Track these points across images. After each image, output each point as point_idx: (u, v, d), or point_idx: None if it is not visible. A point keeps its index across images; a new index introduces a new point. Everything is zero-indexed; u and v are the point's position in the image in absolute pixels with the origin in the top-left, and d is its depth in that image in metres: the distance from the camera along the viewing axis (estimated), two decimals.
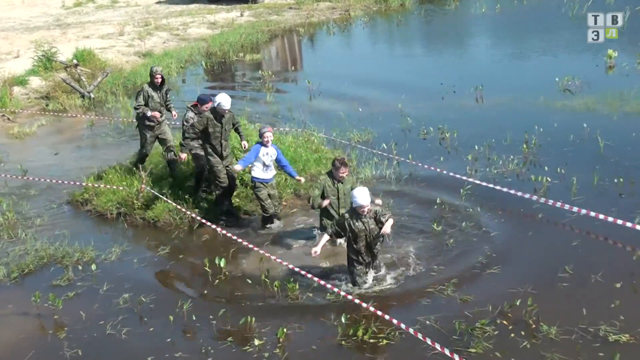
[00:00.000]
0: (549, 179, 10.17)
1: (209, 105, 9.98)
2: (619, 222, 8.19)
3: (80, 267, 8.92)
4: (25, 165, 12.50)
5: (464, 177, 10.47)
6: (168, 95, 11.45)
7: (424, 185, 10.74)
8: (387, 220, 7.38)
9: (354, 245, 7.62)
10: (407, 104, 15.29)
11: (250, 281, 8.20)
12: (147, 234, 10.21)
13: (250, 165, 9.40)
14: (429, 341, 6.09)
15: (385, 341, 6.58)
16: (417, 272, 8.18)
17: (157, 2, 32.04)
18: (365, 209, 7.43)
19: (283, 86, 19.51)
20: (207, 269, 8.44)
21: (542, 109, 14.60)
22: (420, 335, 6.23)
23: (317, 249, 7.61)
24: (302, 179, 9.80)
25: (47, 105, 17.15)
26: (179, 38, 24.47)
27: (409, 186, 10.83)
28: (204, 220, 9.54)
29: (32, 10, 30.44)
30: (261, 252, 8.61)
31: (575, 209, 8.70)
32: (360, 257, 7.68)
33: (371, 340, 6.64)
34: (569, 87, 15.75)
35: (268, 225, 9.50)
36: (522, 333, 6.43)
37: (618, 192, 9.57)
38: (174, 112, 11.55)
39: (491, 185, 9.93)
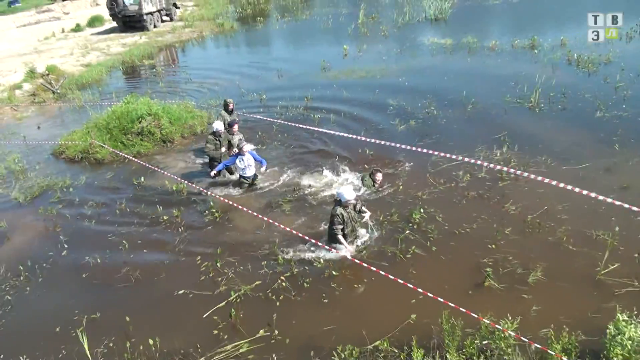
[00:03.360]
0: (319, 116, 16.22)
1: (236, 127, 13.09)
2: (335, 133, 13.39)
3: (65, 189, 13.26)
4: (23, 134, 18.17)
5: (272, 119, 15.79)
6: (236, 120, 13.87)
7: (257, 122, 16.06)
8: (365, 212, 9.50)
9: (343, 230, 9.07)
10: (243, 82, 22.19)
11: (159, 188, 12.56)
12: (98, 167, 14.47)
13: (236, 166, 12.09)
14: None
15: None
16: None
17: (91, 34, 39.87)
18: (351, 202, 8.90)
19: (170, 76, 26.20)
20: (134, 182, 13.00)
21: (313, 79, 21.69)
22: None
23: (350, 249, 9.25)
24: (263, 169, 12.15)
25: (34, 99, 23.61)
26: (105, 54, 32.07)
27: (243, 124, 15.51)
28: (129, 157, 14.13)
29: (18, 43, 39.77)
30: (163, 172, 12.87)
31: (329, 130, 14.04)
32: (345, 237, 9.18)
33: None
34: (325, 66, 23.44)
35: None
36: None
37: (363, 128, 14.75)
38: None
39: (291, 123, 15.45)
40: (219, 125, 12.75)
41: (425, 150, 11.38)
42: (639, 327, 6.14)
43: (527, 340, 6.71)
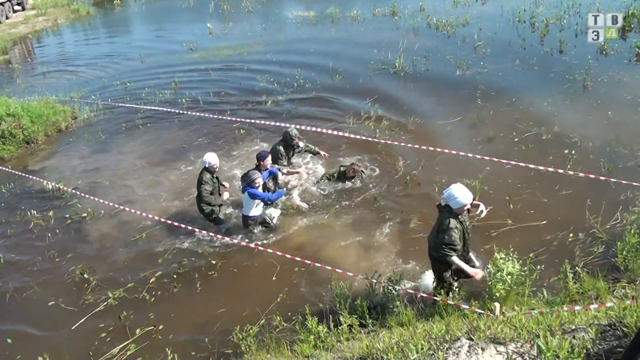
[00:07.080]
0: (188, 99, 15.97)
1: (268, 158, 9.31)
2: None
3: None
4: None
5: (141, 106, 15.50)
6: (300, 148, 10.51)
7: (122, 112, 15.85)
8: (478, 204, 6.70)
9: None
10: (104, 70, 21.28)
11: (30, 193, 11.92)
12: None
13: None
14: None
15: None
16: None
17: None
18: (467, 208, 6.30)
19: (27, 71, 24.10)
20: (2, 190, 12.09)
21: (180, 61, 21.11)
22: None
23: (478, 273, 6.41)
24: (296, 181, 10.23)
25: None
26: None
27: (107, 115, 16.00)
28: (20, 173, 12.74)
29: None
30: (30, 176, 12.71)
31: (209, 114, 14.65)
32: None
33: None
34: (191, 47, 22.93)
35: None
36: None
37: (230, 108, 14.70)
38: (323, 153, 10.61)
39: (158, 108, 15.24)
40: (211, 159, 9.13)
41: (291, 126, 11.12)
42: (517, 262, 6.39)
43: (412, 290, 6.92)
